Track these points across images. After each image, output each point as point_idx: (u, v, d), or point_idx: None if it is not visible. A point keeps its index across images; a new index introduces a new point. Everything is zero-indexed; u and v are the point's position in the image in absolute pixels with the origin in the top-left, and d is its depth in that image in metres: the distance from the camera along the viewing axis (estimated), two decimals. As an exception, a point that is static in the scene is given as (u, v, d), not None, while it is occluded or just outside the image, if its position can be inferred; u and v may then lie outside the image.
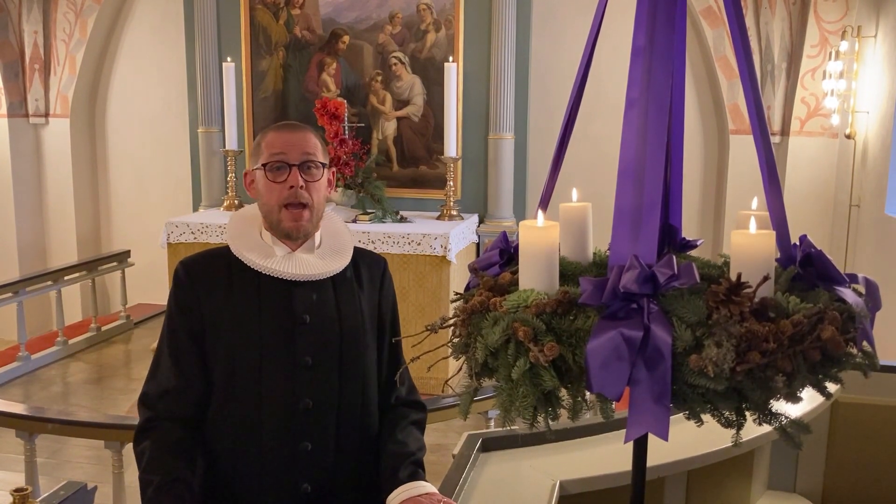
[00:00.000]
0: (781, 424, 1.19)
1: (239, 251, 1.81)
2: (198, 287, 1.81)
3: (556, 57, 6.26)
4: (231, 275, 1.81)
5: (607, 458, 2.27)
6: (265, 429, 1.78)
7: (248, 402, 1.78)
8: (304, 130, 1.84)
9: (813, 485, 2.89)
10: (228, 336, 1.78)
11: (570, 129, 1.45)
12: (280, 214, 1.79)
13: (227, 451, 1.80)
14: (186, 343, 1.80)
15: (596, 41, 1.42)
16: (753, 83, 1.33)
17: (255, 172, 1.82)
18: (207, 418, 1.82)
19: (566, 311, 1.18)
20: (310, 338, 1.80)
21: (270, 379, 1.78)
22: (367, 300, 1.91)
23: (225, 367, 1.79)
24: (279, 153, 1.78)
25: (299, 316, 1.80)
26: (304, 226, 1.79)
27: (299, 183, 1.76)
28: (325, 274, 1.83)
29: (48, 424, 3.38)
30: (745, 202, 1.45)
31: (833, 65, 5.25)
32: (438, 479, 2.16)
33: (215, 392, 1.80)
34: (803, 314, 1.12)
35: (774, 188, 1.31)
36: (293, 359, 1.79)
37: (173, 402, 1.79)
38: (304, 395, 1.79)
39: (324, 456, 1.81)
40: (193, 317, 1.80)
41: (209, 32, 6.42)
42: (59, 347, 6.27)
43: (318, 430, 1.81)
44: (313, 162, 1.80)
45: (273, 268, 1.79)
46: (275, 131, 1.83)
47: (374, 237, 5.42)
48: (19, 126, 7.06)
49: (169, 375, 1.80)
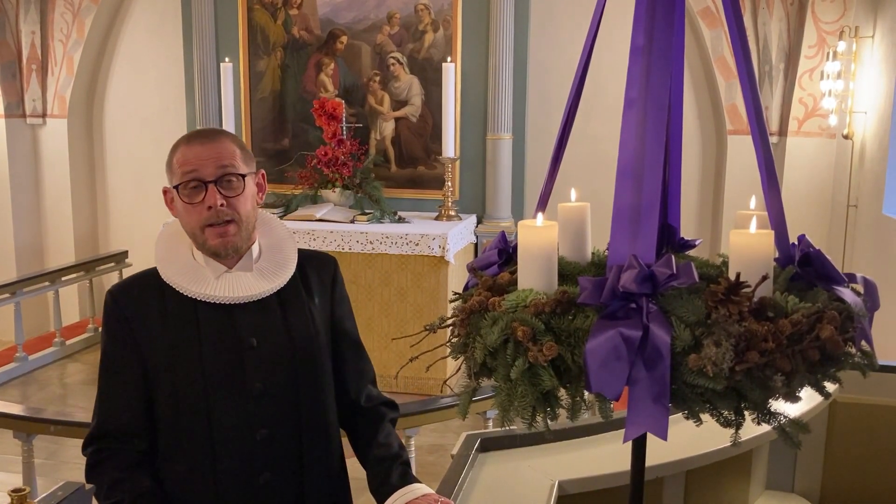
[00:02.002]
0: (780, 424, 1.19)
1: (168, 277, 1.67)
2: (130, 317, 1.66)
3: (555, 57, 6.26)
4: (165, 300, 1.67)
5: (606, 458, 2.27)
6: (220, 464, 1.66)
7: (199, 436, 1.65)
8: (218, 139, 1.67)
9: (811, 485, 2.89)
10: (169, 368, 1.65)
11: (568, 128, 1.45)
12: (204, 234, 1.64)
13: (180, 489, 1.69)
14: (124, 377, 1.67)
15: (594, 41, 1.42)
16: (752, 83, 1.33)
17: (173, 191, 1.68)
18: (157, 456, 1.71)
19: (565, 310, 1.18)
20: (259, 362, 1.67)
21: (220, 411, 1.65)
22: (319, 309, 1.77)
23: (169, 401, 1.66)
24: (192, 171, 1.62)
25: (245, 340, 1.66)
26: (232, 241, 1.65)
27: (217, 202, 1.61)
28: (266, 293, 1.69)
29: (49, 426, 3.37)
30: (743, 202, 1.45)
31: (831, 65, 5.25)
32: (437, 479, 2.16)
33: (162, 428, 1.69)
34: (802, 314, 1.12)
35: (773, 188, 1.32)
36: (242, 386, 1.65)
37: (119, 440, 1.67)
38: (258, 424, 1.66)
39: (285, 486, 1.70)
40: (129, 348, 1.66)
41: (207, 33, 6.41)
42: (57, 348, 6.27)
43: (277, 459, 1.69)
44: (231, 175, 1.63)
45: (206, 293, 1.64)
46: (185, 145, 1.66)
47: (373, 237, 5.41)
48: (16, 126, 7.04)
49: (110, 413, 1.68)
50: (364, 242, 5.37)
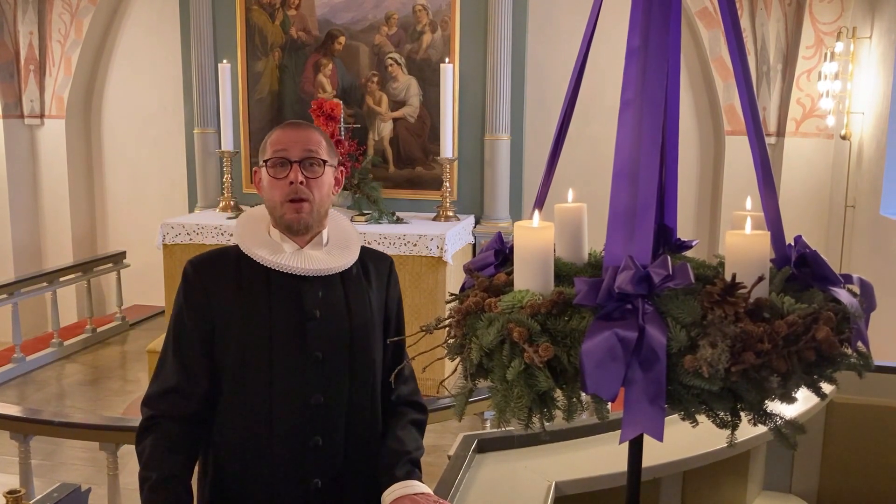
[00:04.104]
0: (776, 425, 1.19)
1: (248, 248, 1.83)
2: (207, 284, 1.82)
3: (552, 57, 6.27)
4: (240, 272, 1.83)
5: (603, 458, 2.27)
6: (276, 424, 1.79)
7: (259, 397, 1.79)
8: (309, 129, 1.86)
9: (808, 485, 2.89)
10: (239, 332, 1.80)
11: (565, 129, 1.45)
12: (282, 209, 1.81)
13: (236, 446, 1.82)
14: (193, 341, 1.81)
15: (591, 42, 1.42)
16: (749, 84, 1.33)
17: (261, 170, 1.86)
18: (216, 416, 1.84)
19: (561, 311, 1.18)
20: (320, 333, 1.81)
21: (281, 374, 1.79)
22: (376, 297, 1.94)
23: (235, 364, 1.80)
24: (281, 150, 1.81)
25: (309, 311, 1.81)
26: (304, 217, 1.81)
27: (299, 179, 1.78)
28: (334, 269, 1.85)
29: (46, 426, 3.37)
30: (740, 203, 1.46)
31: (828, 66, 5.26)
32: (434, 480, 2.15)
33: (225, 389, 1.82)
34: (798, 314, 1.12)
35: (769, 189, 1.32)
36: (304, 354, 1.80)
37: (176, 401, 1.80)
38: (314, 390, 1.81)
39: (334, 451, 1.83)
40: (203, 314, 1.81)
41: (205, 33, 6.41)
42: (55, 349, 6.26)
43: (328, 426, 1.82)
44: (314, 159, 1.82)
45: (282, 263, 1.80)
46: (280, 129, 1.86)
47: (371, 238, 5.41)
48: (14, 127, 7.04)
49: (173, 373, 1.81)
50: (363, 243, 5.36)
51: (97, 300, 7.10)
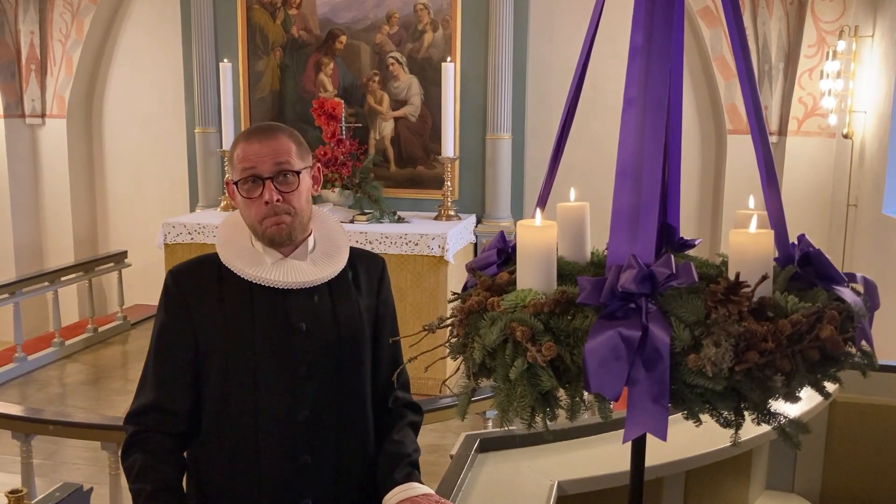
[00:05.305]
0: (780, 424, 1.19)
1: (228, 260, 1.74)
2: (188, 296, 1.75)
3: (554, 56, 6.26)
4: (222, 283, 1.75)
5: (605, 458, 2.27)
6: (262, 443, 1.72)
7: (244, 414, 1.72)
8: (275, 135, 1.73)
9: (811, 485, 2.88)
10: (222, 344, 1.72)
11: (567, 128, 1.44)
12: (262, 226, 1.72)
13: (222, 467, 1.75)
14: (176, 355, 1.74)
15: (593, 40, 1.41)
16: (751, 83, 1.32)
17: (234, 185, 1.75)
18: (200, 434, 1.76)
19: (564, 310, 1.17)
20: (306, 346, 1.74)
21: (267, 390, 1.72)
22: (366, 303, 1.85)
23: (218, 380, 1.73)
24: (250, 168, 1.69)
25: (295, 324, 1.74)
26: (286, 229, 1.72)
27: (274, 198, 1.68)
28: (319, 280, 1.76)
29: (48, 425, 3.37)
30: (742, 202, 1.45)
31: (830, 64, 5.25)
32: (436, 479, 2.15)
33: (208, 406, 1.75)
34: (802, 313, 1.12)
35: (772, 188, 1.31)
36: (289, 368, 1.73)
37: (161, 417, 1.73)
38: (302, 406, 1.73)
39: (325, 469, 1.77)
40: (184, 325, 1.74)
41: (206, 33, 6.41)
42: (56, 348, 6.26)
43: (317, 443, 1.75)
44: (287, 171, 1.70)
45: (263, 276, 1.72)
46: (244, 142, 1.72)
47: (372, 237, 5.41)
48: (15, 126, 7.04)
49: (156, 389, 1.74)
50: (363, 242, 5.36)
51: (98, 300, 7.10)
